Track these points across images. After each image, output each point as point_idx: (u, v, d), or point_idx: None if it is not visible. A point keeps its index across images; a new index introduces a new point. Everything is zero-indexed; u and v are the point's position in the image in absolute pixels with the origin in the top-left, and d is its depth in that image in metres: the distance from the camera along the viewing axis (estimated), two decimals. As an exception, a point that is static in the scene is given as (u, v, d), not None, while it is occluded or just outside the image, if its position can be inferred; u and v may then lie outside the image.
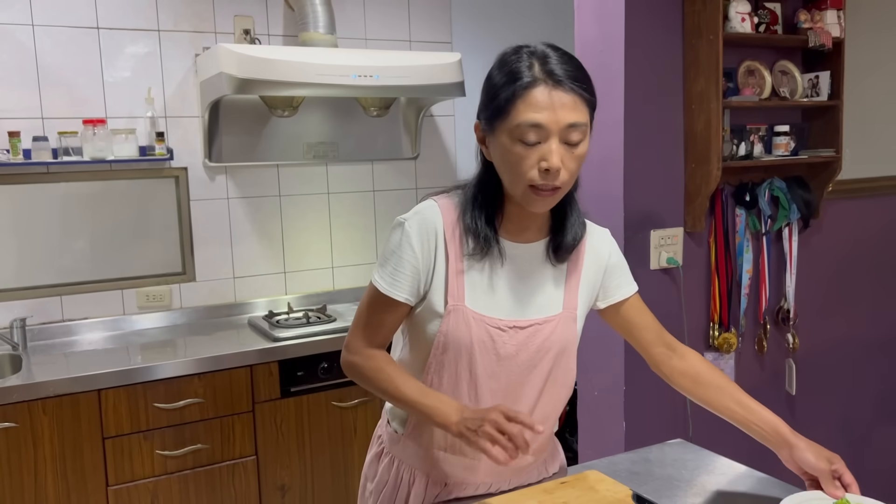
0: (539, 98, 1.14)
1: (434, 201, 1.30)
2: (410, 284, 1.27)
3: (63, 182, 2.77)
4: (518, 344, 1.29)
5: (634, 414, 2.27)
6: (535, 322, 1.30)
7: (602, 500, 1.31)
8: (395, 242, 1.28)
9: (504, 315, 1.28)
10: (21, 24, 2.67)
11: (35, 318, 2.74)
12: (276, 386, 2.62)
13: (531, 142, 1.15)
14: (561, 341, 1.32)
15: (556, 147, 1.15)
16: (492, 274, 1.28)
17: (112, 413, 2.38)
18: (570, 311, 1.34)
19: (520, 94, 1.14)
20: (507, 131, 1.16)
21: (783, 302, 2.53)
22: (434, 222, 1.27)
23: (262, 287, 3.16)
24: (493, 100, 1.18)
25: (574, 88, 1.15)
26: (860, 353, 2.77)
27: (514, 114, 1.15)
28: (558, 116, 1.14)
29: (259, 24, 3.05)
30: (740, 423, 1.36)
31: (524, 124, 1.14)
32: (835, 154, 2.42)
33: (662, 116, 2.23)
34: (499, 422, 1.12)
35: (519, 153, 1.16)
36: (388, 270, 1.28)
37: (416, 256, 1.26)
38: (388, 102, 3.22)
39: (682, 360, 1.42)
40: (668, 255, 2.27)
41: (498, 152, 1.20)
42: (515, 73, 1.16)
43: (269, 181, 3.14)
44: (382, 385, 1.29)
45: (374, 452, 1.48)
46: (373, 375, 1.30)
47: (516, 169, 1.17)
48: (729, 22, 2.20)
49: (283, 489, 2.66)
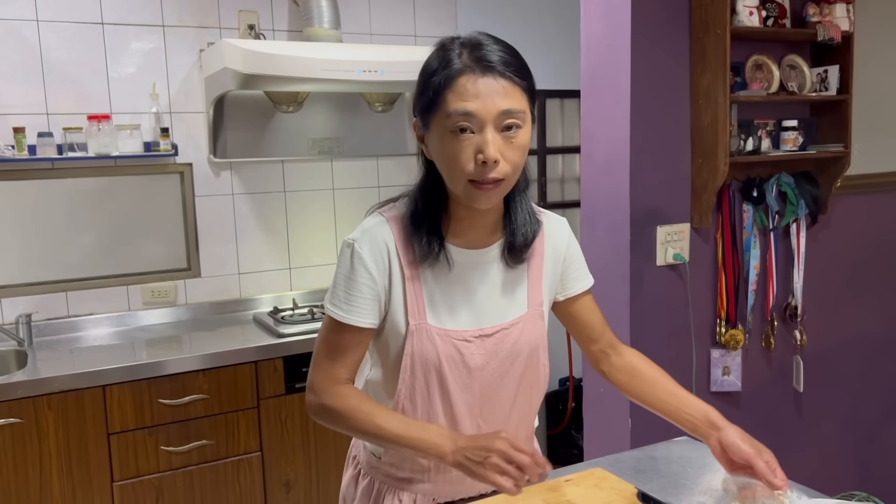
0: (467, 86, 1.09)
1: (380, 215, 1.24)
2: (370, 307, 1.21)
3: (68, 178, 2.77)
4: (487, 353, 1.24)
5: (640, 411, 2.24)
6: (502, 327, 1.25)
7: (607, 497, 1.30)
8: (347, 266, 1.21)
9: (468, 325, 1.24)
10: (26, 20, 2.66)
11: (40, 314, 2.75)
12: (281, 382, 2.61)
13: (464, 131, 1.10)
14: (530, 342, 1.28)
15: (493, 137, 1.10)
16: (448, 284, 1.23)
17: (117, 409, 2.38)
18: (536, 308, 1.29)
19: (448, 84, 1.10)
20: (439, 124, 1.12)
21: (791, 298, 2.51)
22: (384, 238, 1.21)
23: (267, 283, 3.16)
24: (424, 93, 1.14)
25: (505, 73, 1.10)
26: (868, 350, 2.75)
27: (444, 104, 1.10)
28: (490, 104, 1.09)
29: (264, 19, 3.04)
30: (673, 416, 1.31)
31: (454, 114, 1.09)
32: (843, 149, 2.40)
33: (669, 111, 2.22)
34: (507, 452, 1.07)
35: (454, 146, 1.11)
36: (342, 297, 1.20)
37: (372, 277, 1.20)
38: (392, 98, 3.21)
39: (620, 357, 1.39)
40: (675, 251, 2.26)
41: (435, 148, 1.15)
42: (443, 62, 1.12)
43: (274, 177, 3.13)
44: (361, 426, 1.19)
45: (350, 474, 1.42)
46: (348, 416, 1.19)
47: (453, 163, 1.12)
48: (736, 16, 2.18)
49: (287, 485, 2.66)
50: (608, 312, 2.34)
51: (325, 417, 1.22)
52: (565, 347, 3.56)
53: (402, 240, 1.21)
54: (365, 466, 1.37)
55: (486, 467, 1.07)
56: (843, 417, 2.73)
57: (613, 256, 2.25)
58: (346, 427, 1.21)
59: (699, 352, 2.35)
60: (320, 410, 1.22)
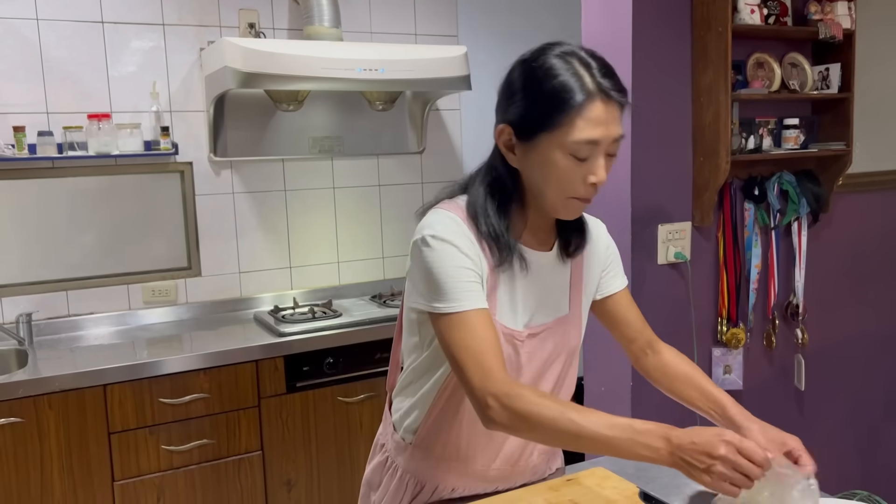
0: (598, 114, 1.09)
1: (450, 212, 1.20)
2: (482, 290, 1.17)
3: (68, 177, 2.76)
4: (532, 350, 1.26)
5: (641, 410, 2.25)
6: (547, 326, 1.27)
7: (609, 497, 1.29)
8: (443, 258, 1.15)
9: (523, 325, 1.25)
10: (26, 19, 2.66)
11: (41, 313, 2.74)
12: (282, 381, 2.61)
13: (583, 157, 1.11)
14: (570, 344, 1.30)
15: (603, 160, 1.13)
16: (513, 284, 1.23)
17: (118, 408, 2.37)
18: (576, 311, 1.32)
19: (578, 110, 1.09)
20: (556, 143, 1.11)
21: (792, 297, 2.51)
22: (466, 234, 1.18)
23: (268, 282, 3.16)
24: (539, 110, 1.11)
25: (621, 101, 1.12)
26: (870, 348, 2.75)
27: (571, 129, 1.09)
28: (610, 131, 1.11)
29: (264, 17, 3.04)
30: (704, 413, 1.33)
31: (582, 142, 1.10)
32: (845, 147, 2.39)
33: (670, 109, 2.21)
34: (733, 460, 1.00)
35: (568, 168, 1.12)
36: (454, 288, 1.13)
37: (474, 261, 1.17)
38: (393, 96, 3.20)
39: (657, 356, 1.41)
40: (676, 249, 2.25)
41: (538, 163, 1.14)
42: (568, 85, 1.09)
43: (275, 176, 3.13)
44: (559, 427, 1.07)
45: (377, 461, 1.43)
46: (544, 419, 1.07)
47: (562, 182, 1.13)
48: (738, 14, 2.17)
49: (288, 484, 2.66)
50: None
51: (519, 425, 1.10)
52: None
53: (478, 238, 1.19)
54: (392, 453, 1.38)
55: (711, 475, 1.01)
56: (845, 416, 2.73)
57: (615, 255, 2.24)
58: (543, 431, 1.09)
59: (701, 350, 2.35)
60: (513, 419, 1.09)
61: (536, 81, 1.12)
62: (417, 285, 1.19)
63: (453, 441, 1.29)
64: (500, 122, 1.18)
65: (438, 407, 1.28)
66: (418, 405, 1.31)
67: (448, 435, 1.29)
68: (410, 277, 1.22)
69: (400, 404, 1.37)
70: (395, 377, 1.44)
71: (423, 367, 1.30)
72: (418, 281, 1.18)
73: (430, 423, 1.29)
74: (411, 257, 1.20)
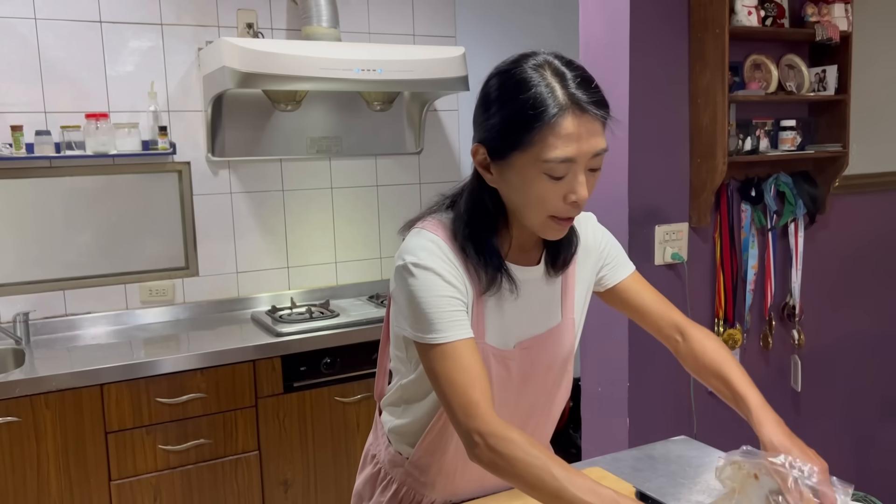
0: (571, 130, 1.02)
1: (432, 233, 1.15)
2: (466, 318, 1.12)
3: (66, 176, 2.76)
4: (524, 363, 1.23)
5: (638, 410, 2.26)
6: (539, 339, 1.24)
7: (605, 497, 1.29)
8: (426, 287, 1.10)
9: (514, 343, 1.22)
10: (24, 18, 2.66)
11: (38, 313, 2.74)
12: (279, 381, 2.61)
13: (560, 176, 1.04)
14: (563, 352, 1.28)
15: (583, 177, 1.05)
16: (501, 306, 1.19)
17: (115, 408, 2.37)
18: (569, 317, 1.28)
19: (550, 127, 1.01)
20: (529, 163, 1.04)
21: (789, 298, 2.51)
22: (450, 258, 1.13)
23: (265, 282, 3.16)
24: (509, 128, 1.05)
25: (598, 115, 1.04)
26: (866, 349, 2.76)
27: (543, 147, 1.02)
28: (587, 147, 1.03)
29: (262, 17, 3.04)
30: (729, 402, 1.27)
31: (554, 161, 1.02)
32: (841, 149, 2.40)
33: (667, 110, 2.22)
34: None
35: (544, 188, 1.05)
36: (437, 318, 1.09)
37: (458, 289, 1.12)
38: (391, 97, 3.20)
39: (687, 342, 1.32)
40: (673, 250, 2.26)
41: (514, 183, 1.08)
42: (538, 100, 1.02)
43: (273, 176, 3.13)
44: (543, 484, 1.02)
45: (369, 473, 1.39)
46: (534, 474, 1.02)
47: (540, 202, 1.07)
48: (735, 15, 2.18)
49: (285, 484, 2.66)
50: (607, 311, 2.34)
51: (503, 467, 1.05)
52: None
53: (463, 262, 1.14)
54: (386, 466, 1.35)
55: None
56: (841, 416, 2.73)
57: (612, 256, 2.25)
58: (523, 481, 1.04)
59: (697, 351, 2.35)
60: (498, 460, 1.04)
61: (507, 96, 1.05)
62: (402, 310, 1.15)
63: (449, 462, 1.27)
64: (475, 141, 1.12)
65: (432, 435, 1.26)
66: (410, 432, 1.29)
67: (443, 458, 1.27)
68: (395, 300, 1.18)
69: (391, 418, 1.34)
70: (383, 383, 1.42)
71: (411, 391, 1.27)
72: (403, 307, 1.15)
73: (424, 448, 1.27)
74: (395, 280, 1.16)
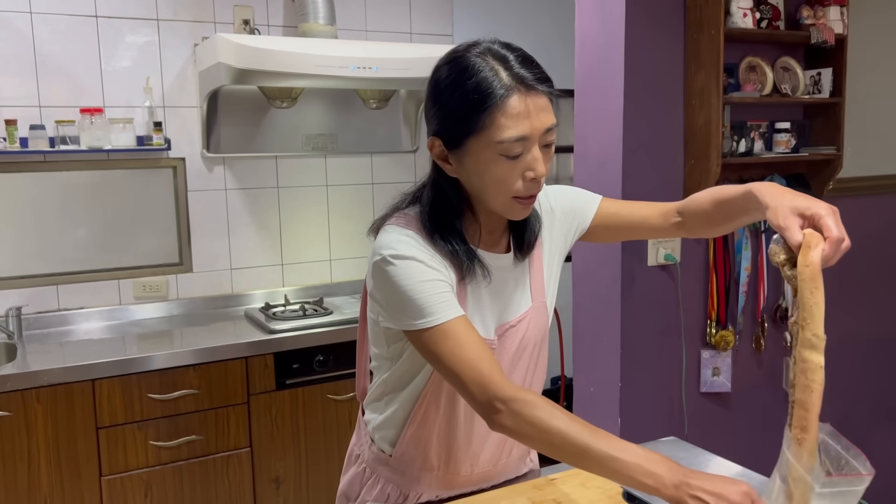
0: (520, 108, 1.05)
1: (404, 228, 1.16)
2: (454, 298, 1.13)
3: (60, 171, 2.76)
4: (502, 349, 1.24)
5: (629, 411, 2.26)
6: (510, 325, 1.25)
7: (593, 497, 1.30)
8: (410, 275, 1.11)
9: (493, 330, 1.23)
10: (19, 12, 2.65)
11: (31, 307, 2.74)
12: (272, 378, 2.61)
13: (516, 155, 1.08)
14: (535, 335, 1.28)
15: (539, 153, 1.09)
16: (478, 293, 1.21)
17: (106, 403, 2.37)
18: (539, 300, 1.29)
19: (499, 108, 1.05)
20: (483, 147, 1.08)
21: (781, 300, 2.52)
22: (424, 245, 1.15)
23: (259, 279, 3.15)
24: (461, 116, 1.08)
25: (546, 89, 1.08)
26: (859, 351, 2.76)
27: (495, 129, 1.06)
28: (538, 123, 1.07)
29: (259, 14, 3.03)
30: (736, 218, 1.24)
31: (508, 141, 1.06)
32: (836, 152, 2.40)
33: (662, 111, 2.22)
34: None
35: (503, 169, 1.09)
36: (428, 302, 1.09)
37: (441, 272, 1.13)
38: (387, 95, 3.20)
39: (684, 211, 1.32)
40: (666, 251, 2.26)
41: (473, 169, 1.11)
42: (483, 84, 1.06)
43: (268, 172, 3.13)
44: (566, 441, 1.02)
45: (353, 472, 1.39)
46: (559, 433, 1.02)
47: (500, 184, 1.10)
48: (731, 17, 2.18)
49: (277, 481, 2.66)
50: (599, 312, 2.34)
51: (527, 430, 1.05)
52: (558, 347, 3.57)
53: (439, 251, 1.16)
54: (371, 464, 1.35)
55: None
56: (834, 419, 2.72)
57: (605, 256, 2.25)
58: (549, 441, 1.04)
59: (689, 352, 2.35)
60: (522, 424, 1.05)
61: (454, 85, 1.09)
62: (385, 306, 1.16)
63: (434, 454, 1.28)
64: (429, 135, 1.14)
65: (415, 424, 1.26)
66: (392, 424, 1.29)
67: (427, 449, 1.28)
68: (373, 297, 1.18)
69: (373, 416, 1.34)
70: (364, 383, 1.43)
71: (392, 383, 1.28)
72: (388, 301, 1.14)
73: (407, 440, 1.28)
74: (373, 277, 1.16)
